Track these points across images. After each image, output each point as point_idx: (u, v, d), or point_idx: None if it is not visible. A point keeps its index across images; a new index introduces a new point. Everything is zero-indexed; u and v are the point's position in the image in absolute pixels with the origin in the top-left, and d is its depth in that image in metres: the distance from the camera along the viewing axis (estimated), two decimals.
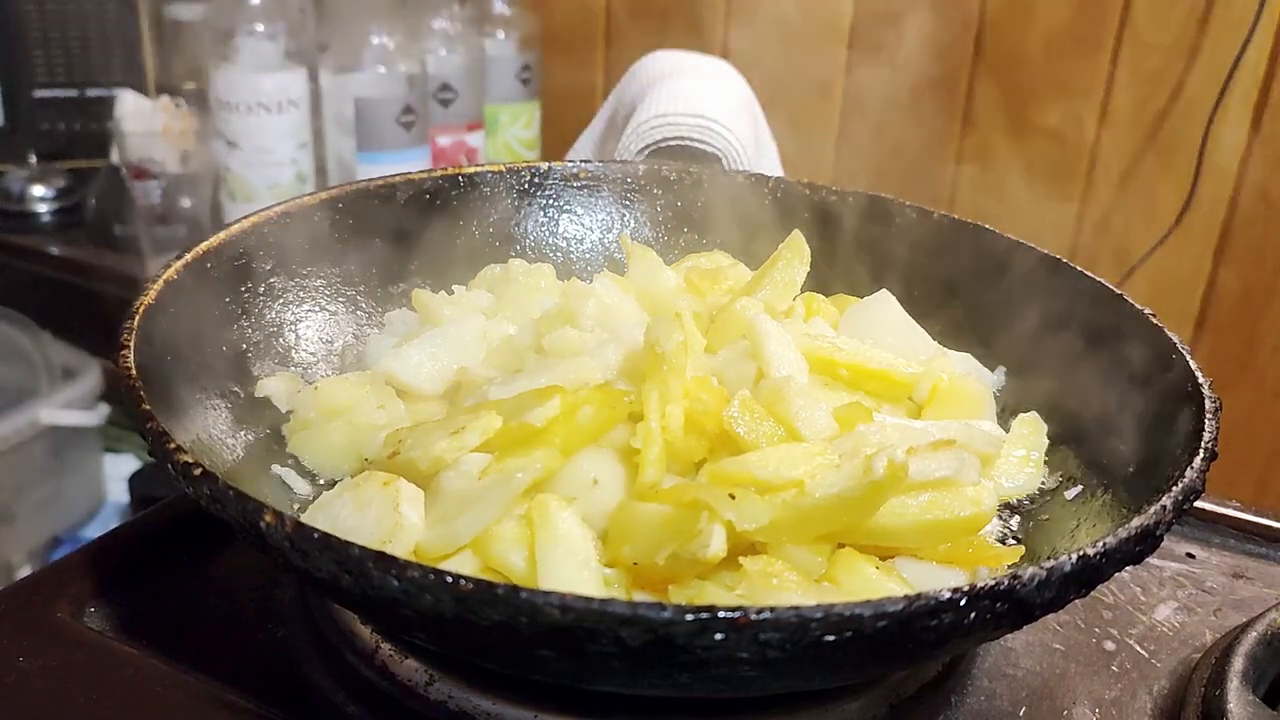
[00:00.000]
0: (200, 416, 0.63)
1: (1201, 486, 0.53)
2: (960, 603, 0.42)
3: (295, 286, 0.76)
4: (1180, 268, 1.49)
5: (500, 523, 0.55)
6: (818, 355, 0.67)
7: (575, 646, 0.42)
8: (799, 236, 0.77)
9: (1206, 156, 1.41)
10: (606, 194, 0.90)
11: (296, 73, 1.48)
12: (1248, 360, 1.48)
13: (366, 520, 0.55)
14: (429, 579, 0.42)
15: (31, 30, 1.65)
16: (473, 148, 1.63)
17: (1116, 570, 0.49)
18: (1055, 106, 1.50)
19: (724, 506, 0.52)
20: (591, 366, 0.65)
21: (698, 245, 0.90)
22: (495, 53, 1.68)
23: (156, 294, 0.62)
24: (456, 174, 0.86)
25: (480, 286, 0.82)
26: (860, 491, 0.53)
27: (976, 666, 0.62)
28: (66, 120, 1.72)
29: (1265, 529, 0.75)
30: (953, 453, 0.57)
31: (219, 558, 0.68)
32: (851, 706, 0.56)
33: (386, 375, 0.69)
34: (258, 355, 0.71)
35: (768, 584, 0.52)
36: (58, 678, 0.57)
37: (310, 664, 0.60)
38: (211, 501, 0.48)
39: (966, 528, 0.57)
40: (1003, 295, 0.77)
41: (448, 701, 0.55)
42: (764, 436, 0.58)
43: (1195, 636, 0.66)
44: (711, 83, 1.24)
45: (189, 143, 1.51)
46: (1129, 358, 0.67)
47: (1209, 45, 1.39)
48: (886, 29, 1.57)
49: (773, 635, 0.41)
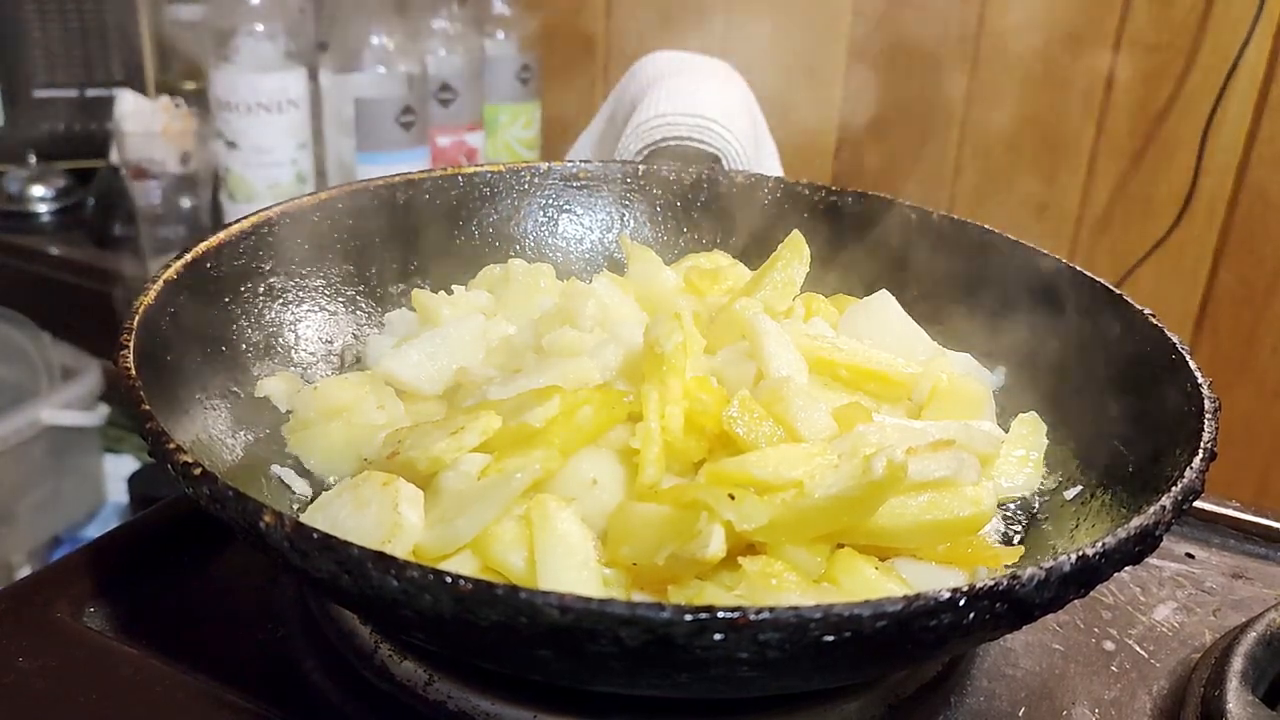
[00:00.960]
0: (200, 416, 0.63)
1: (1201, 487, 0.53)
2: (959, 603, 0.42)
3: (295, 286, 0.76)
4: (1180, 268, 1.49)
5: (499, 523, 0.55)
6: (817, 356, 0.67)
7: (574, 647, 0.42)
8: (798, 236, 0.77)
9: (1206, 156, 1.41)
10: (606, 194, 0.90)
11: (296, 73, 1.48)
12: (1248, 360, 1.48)
13: (366, 520, 0.55)
14: (428, 579, 0.42)
15: (31, 30, 1.65)
16: (473, 148, 1.62)
17: (1116, 570, 0.49)
18: (1055, 106, 1.50)
19: (723, 507, 0.52)
20: (591, 367, 0.65)
21: (697, 245, 0.90)
22: (495, 53, 1.68)
23: (156, 294, 0.62)
24: (456, 174, 0.86)
25: (480, 286, 0.82)
26: (859, 492, 0.53)
27: (976, 667, 0.62)
28: (66, 120, 1.72)
29: (1265, 529, 0.75)
30: (952, 453, 0.57)
31: (219, 558, 0.68)
32: (850, 707, 0.56)
33: (386, 375, 0.69)
34: (258, 355, 0.71)
35: (767, 584, 0.52)
36: (58, 678, 0.57)
37: (310, 664, 0.60)
38: (211, 501, 0.48)
39: (966, 528, 0.57)
40: (1002, 295, 0.77)
41: (447, 701, 0.55)
42: (763, 437, 0.58)
43: (1195, 637, 0.66)
44: (711, 83, 1.24)
45: (189, 143, 1.51)
46: (1129, 358, 0.67)
47: (1209, 45, 1.39)
48: (885, 29, 1.57)
49: (772, 635, 0.41)
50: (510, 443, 0.58)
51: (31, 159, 1.73)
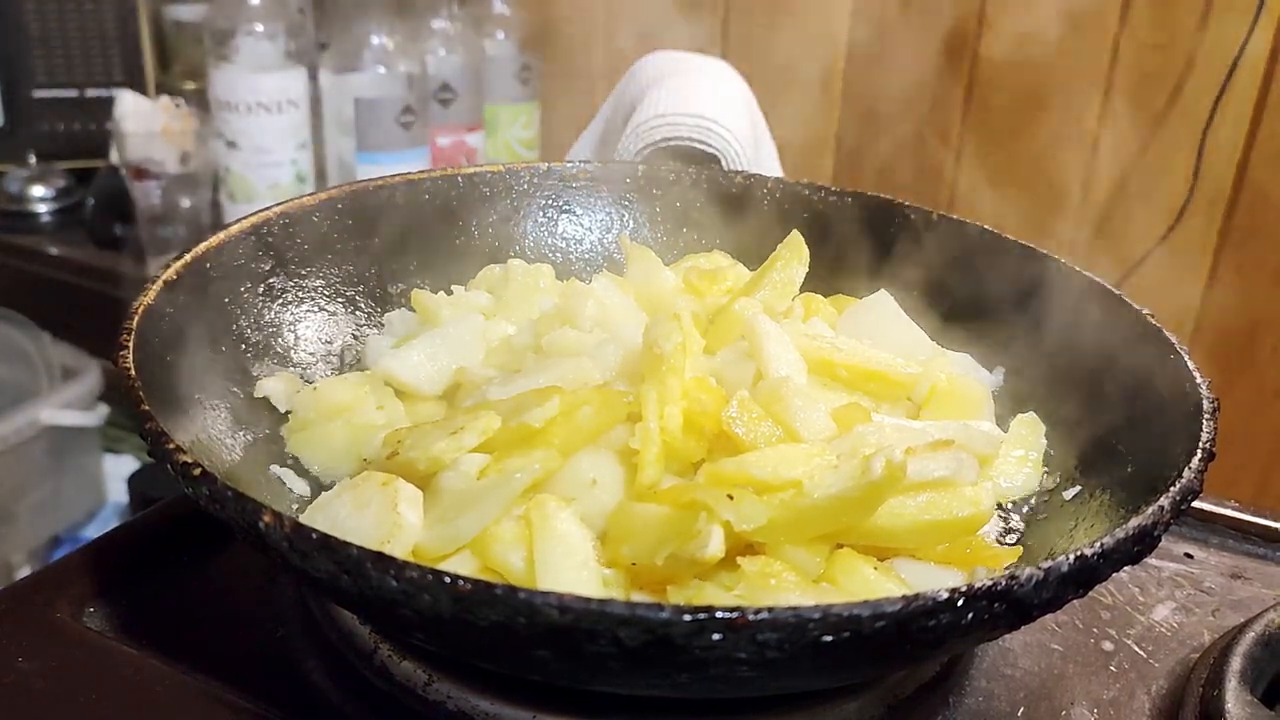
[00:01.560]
0: (200, 416, 0.63)
1: (1199, 487, 0.53)
2: (958, 603, 0.42)
3: (295, 286, 0.76)
4: (1180, 268, 1.49)
5: (499, 523, 0.56)
6: (816, 356, 0.67)
7: (573, 647, 0.42)
8: (798, 237, 0.77)
9: (1206, 156, 1.41)
10: (606, 194, 0.90)
11: (296, 73, 1.48)
12: (1247, 360, 1.48)
13: (365, 520, 0.55)
14: (427, 579, 0.42)
15: (31, 30, 1.65)
16: (472, 148, 1.63)
17: (1114, 571, 0.49)
18: (1055, 106, 1.50)
19: (722, 507, 0.52)
20: (590, 367, 0.65)
21: (697, 245, 0.90)
22: (495, 53, 1.68)
23: (156, 294, 0.63)
24: (456, 174, 0.86)
25: (480, 286, 0.82)
26: (858, 492, 0.53)
27: (974, 667, 0.62)
28: (66, 120, 1.72)
29: (1263, 529, 0.75)
30: (951, 453, 0.57)
31: (219, 558, 0.68)
32: (850, 707, 0.56)
33: (386, 375, 0.69)
34: (257, 355, 0.71)
35: (766, 584, 0.52)
36: (57, 678, 0.57)
37: (309, 664, 0.60)
38: (211, 501, 0.48)
39: (965, 528, 0.57)
40: (1002, 295, 0.77)
41: (446, 702, 0.55)
42: (762, 437, 0.58)
43: (1193, 637, 0.66)
44: (711, 83, 1.24)
45: (189, 143, 1.51)
46: (1128, 358, 0.67)
47: (1209, 45, 1.39)
48: (884, 30, 1.57)
49: (771, 636, 0.41)
50: (510, 443, 0.59)
51: (31, 159, 1.73)
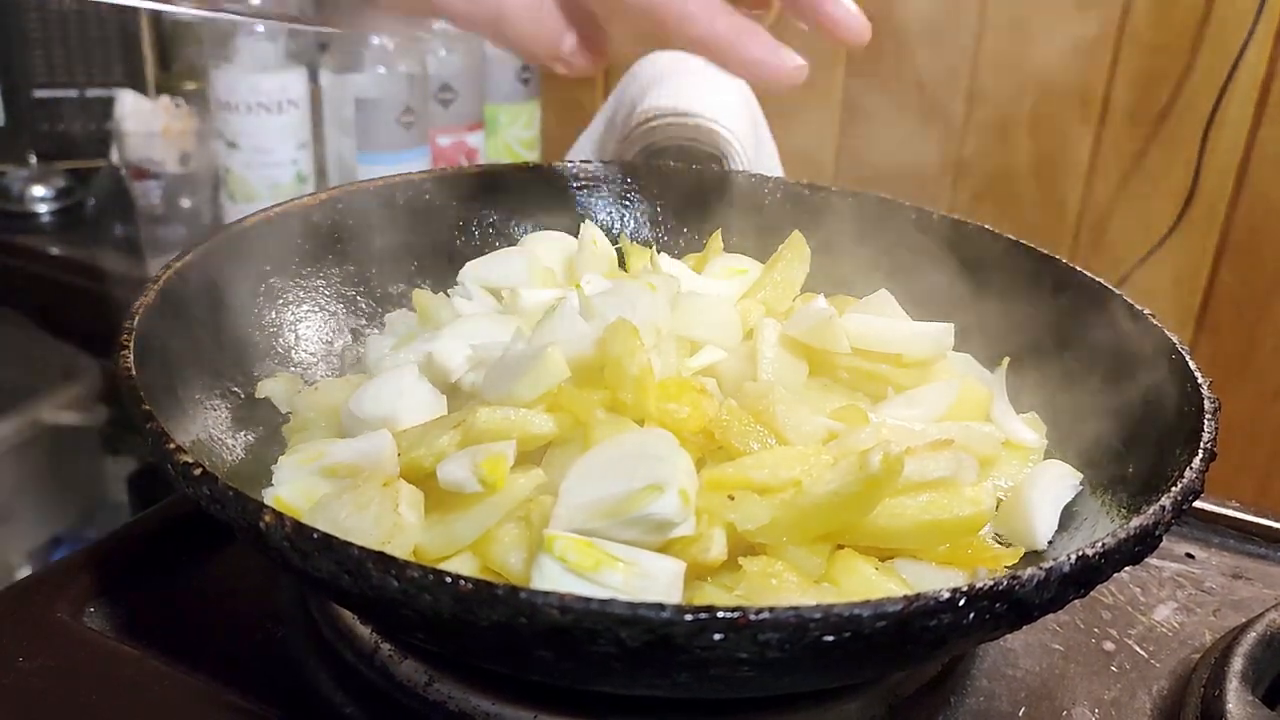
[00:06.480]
0: (200, 416, 0.63)
1: (1201, 487, 0.53)
2: (959, 603, 0.42)
3: (295, 286, 0.76)
4: (1180, 268, 1.49)
5: (500, 524, 0.55)
6: (817, 356, 0.67)
7: (574, 647, 0.42)
8: (799, 237, 0.77)
9: (1206, 157, 1.41)
10: (606, 194, 0.90)
11: (296, 73, 1.47)
12: (1248, 360, 1.48)
13: (366, 521, 0.55)
14: (428, 579, 0.42)
15: (31, 30, 1.65)
16: (473, 148, 1.62)
17: (1115, 571, 0.49)
18: (1055, 106, 1.50)
19: (724, 508, 0.52)
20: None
21: (697, 245, 0.90)
22: (495, 53, 1.68)
23: (156, 294, 0.62)
24: (456, 174, 0.86)
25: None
26: (858, 487, 0.53)
27: (975, 667, 0.62)
28: (66, 120, 1.72)
29: (1265, 529, 0.75)
30: (951, 453, 0.57)
31: (219, 558, 0.68)
32: (850, 707, 0.56)
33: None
34: (258, 355, 0.71)
35: (767, 584, 0.52)
36: (57, 678, 0.57)
37: (310, 664, 0.60)
38: (211, 501, 0.48)
39: (965, 528, 0.57)
40: (1002, 295, 0.77)
41: (447, 702, 0.55)
42: (753, 441, 0.58)
43: (1194, 637, 0.66)
44: (712, 83, 1.24)
45: (189, 143, 1.51)
46: (1128, 358, 0.67)
47: (1209, 45, 1.39)
48: (884, 30, 1.57)
49: (772, 635, 0.41)
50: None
51: (31, 159, 1.73)
